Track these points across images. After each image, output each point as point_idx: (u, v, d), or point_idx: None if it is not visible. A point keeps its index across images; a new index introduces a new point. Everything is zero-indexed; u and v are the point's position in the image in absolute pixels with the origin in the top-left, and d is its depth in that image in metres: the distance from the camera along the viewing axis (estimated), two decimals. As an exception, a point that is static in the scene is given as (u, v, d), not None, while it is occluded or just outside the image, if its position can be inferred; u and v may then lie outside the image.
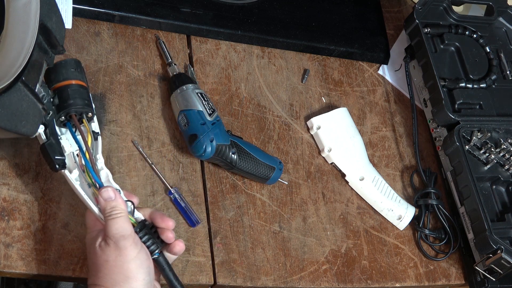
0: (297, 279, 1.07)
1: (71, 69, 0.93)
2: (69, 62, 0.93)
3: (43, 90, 0.90)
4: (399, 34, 1.37)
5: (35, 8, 0.90)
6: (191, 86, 1.08)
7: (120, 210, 0.85)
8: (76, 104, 0.91)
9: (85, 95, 0.92)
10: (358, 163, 1.18)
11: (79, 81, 0.93)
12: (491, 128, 1.21)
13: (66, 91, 0.91)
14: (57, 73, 0.93)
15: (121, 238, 0.83)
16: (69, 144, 0.91)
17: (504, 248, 1.07)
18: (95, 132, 0.93)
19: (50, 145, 0.89)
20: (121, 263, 0.83)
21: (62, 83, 0.92)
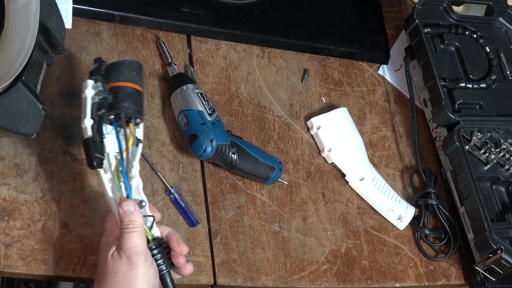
0: (297, 279, 1.07)
1: (133, 72, 0.92)
2: (132, 64, 0.92)
3: (100, 85, 0.89)
4: (399, 34, 1.37)
5: (35, 8, 0.90)
6: (191, 86, 1.08)
7: (137, 225, 0.85)
8: (129, 108, 0.89)
9: (139, 100, 0.91)
10: (358, 163, 1.18)
11: (137, 85, 0.91)
12: (491, 128, 1.21)
13: (122, 93, 0.90)
14: (119, 72, 0.91)
15: (134, 254, 0.84)
16: (111, 145, 0.90)
17: (504, 248, 1.07)
18: (138, 138, 0.91)
19: (93, 142, 0.87)
20: (130, 278, 0.83)
21: (121, 83, 0.91)
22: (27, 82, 0.88)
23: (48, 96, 1.03)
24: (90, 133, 0.87)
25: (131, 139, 0.90)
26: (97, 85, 0.89)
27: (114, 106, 0.89)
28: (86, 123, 0.87)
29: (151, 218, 0.88)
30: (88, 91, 0.88)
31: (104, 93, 0.89)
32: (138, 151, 0.91)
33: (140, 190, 0.89)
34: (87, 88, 0.89)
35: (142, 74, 0.93)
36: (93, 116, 0.88)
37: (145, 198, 0.89)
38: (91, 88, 0.89)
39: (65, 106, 1.04)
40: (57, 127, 1.02)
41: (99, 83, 0.89)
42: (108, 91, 0.90)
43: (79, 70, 1.08)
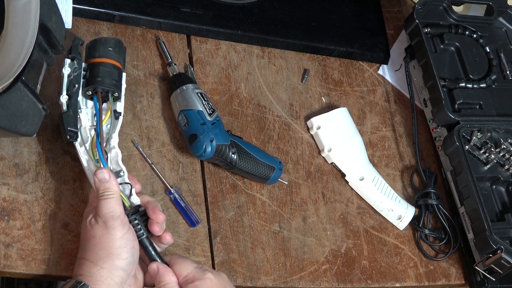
0: (297, 279, 1.07)
1: (109, 48, 0.96)
2: (108, 41, 0.97)
3: (76, 63, 0.95)
4: (399, 34, 1.37)
5: (35, 8, 0.90)
6: (191, 86, 1.08)
7: (113, 192, 0.88)
8: (103, 82, 0.95)
9: (115, 75, 0.96)
10: (358, 163, 1.18)
11: (113, 60, 0.96)
12: (491, 128, 1.21)
13: (97, 68, 0.95)
14: (94, 49, 0.97)
15: (110, 218, 0.86)
16: (87, 119, 0.95)
17: (504, 248, 1.07)
18: (117, 111, 0.96)
19: (66, 116, 0.93)
20: (107, 241, 0.86)
21: (96, 59, 0.96)
22: (27, 82, 0.88)
23: (48, 96, 1.03)
24: (65, 108, 0.93)
25: (108, 113, 0.95)
26: (73, 63, 0.95)
27: (90, 82, 0.95)
28: (62, 99, 0.93)
29: (128, 186, 0.92)
30: (64, 69, 0.95)
31: (79, 70, 0.95)
32: (118, 123, 0.96)
33: (119, 160, 0.94)
34: (64, 67, 0.95)
35: (121, 50, 0.98)
36: (69, 93, 0.94)
37: (124, 168, 0.93)
38: (67, 66, 0.95)
39: (65, 106, 1.04)
40: (57, 127, 1.02)
41: (75, 61, 0.95)
42: (85, 68, 0.96)
43: (79, 70, 1.08)
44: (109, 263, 0.85)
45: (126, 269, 0.86)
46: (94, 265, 0.85)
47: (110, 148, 0.94)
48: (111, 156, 0.94)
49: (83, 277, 0.84)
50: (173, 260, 0.92)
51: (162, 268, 0.89)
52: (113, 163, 0.94)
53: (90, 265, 0.85)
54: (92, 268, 0.85)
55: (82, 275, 0.85)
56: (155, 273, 0.89)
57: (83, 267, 0.86)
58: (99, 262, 0.85)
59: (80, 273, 0.85)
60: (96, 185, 0.88)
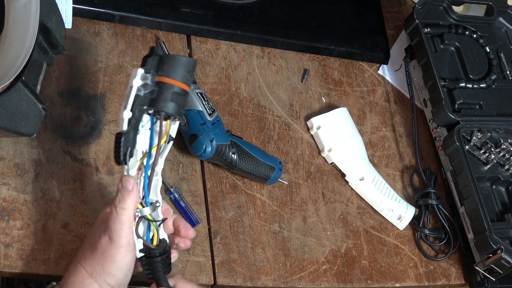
0: (297, 279, 1.07)
1: (186, 70, 0.85)
2: (189, 63, 0.86)
3: (149, 78, 0.84)
4: (399, 34, 1.37)
5: (35, 8, 0.90)
6: (191, 86, 1.08)
7: (127, 207, 0.83)
8: (171, 109, 0.84)
9: (183, 101, 0.85)
10: (358, 163, 1.18)
11: (187, 86, 0.85)
12: (491, 128, 1.21)
13: (169, 91, 0.84)
14: (172, 68, 0.85)
15: (117, 236, 0.83)
16: (143, 141, 0.85)
17: (504, 248, 1.07)
18: (171, 136, 0.87)
19: (126, 138, 0.82)
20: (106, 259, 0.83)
21: (171, 81, 0.84)
22: (27, 82, 0.88)
23: (48, 96, 1.03)
24: (126, 127, 0.82)
25: (165, 137, 0.86)
26: (146, 76, 0.83)
27: (157, 103, 0.84)
28: (125, 115, 0.82)
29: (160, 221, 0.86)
30: (135, 80, 0.83)
31: (151, 86, 0.84)
32: (167, 148, 0.87)
33: (157, 189, 0.87)
34: (135, 77, 0.83)
35: (194, 72, 0.88)
36: (133, 109, 0.82)
37: (160, 199, 0.87)
38: (139, 78, 0.83)
39: (65, 106, 1.04)
40: (57, 127, 1.02)
41: (149, 75, 0.84)
42: (155, 84, 0.84)
43: (79, 70, 1.08)
44: (101, 279, 0.84)
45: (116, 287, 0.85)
46: (88, 276, 0.84)
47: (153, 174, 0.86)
48: (152, 184, 0.86)
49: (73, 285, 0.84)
50: (179, 285, 0.89)
51: None
52: (152, 193, 0.86)
53: (84, 275, 0.84)
54: (86, 279, 0.84)
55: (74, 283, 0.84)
56: None
57: (77, 274, 0.84)
58: (93, 275, 0.84)
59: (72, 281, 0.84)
60: (117, 190, 0.83)
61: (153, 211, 0.86)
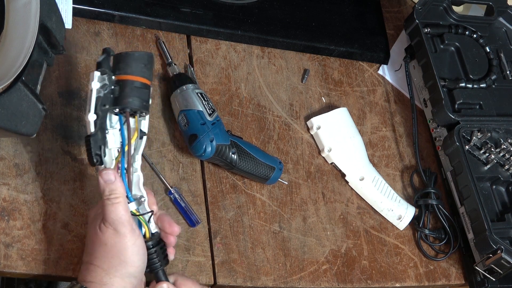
0: (297, 279, 1.07)
1: (141, 64, 0.87)
2: (142, 57, 0.88)
3: (106, 78, 0.86)
4: (399, 34, 1.37)
5: (35, 8, 0.90)
6: (191, 86, 1.08)
7: (119, 195, 0.84)
8: (134, 103, 0.86)
9: (145, 95, 0.88)
10: (358, 163, 1.18)
11: (145, 79, 0.88)
12: (491, 128, 1.21)
13: (128, 87, 0.86)
14: (126, 64, 0.87)
15: (120, 225, 0.84)
16: (114, 140, 0.87)
17: (504, 248, 1.07)
18: (142, 131, 0.89)
19: (95, 139, 0.85)
20: (119, 249, 0.84)
21: (128, 76, 0.87)
22: (27, 82, 0.88)
23: (48, 96, 1.03)
24: (92, 129, 0.85)
25: (135, 134, 0.88)
26: (103, 78, 0.86)
27: (119, 101, 0.86)
28: (89, 118, 0.85)
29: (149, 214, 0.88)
30: (94, 83, 0.85)
31: (110, 86, 0.86)
32: (142, 144, 0.89)
33: (140, 184, 0.88)
34: (93, 81, 0.85)
35: (152, 66, 0.90)
36: (97, 111, 0.85)
37: (144, 193, 0.88)
38: (97, 80, 0.85)
39: (65, 106, 1.04)
40: (57, 127, 1.02)
41: (106, 76, 0.86)
42: (114, 83, 0.87)
43: (79, 70, 1.08)
44: (122, 272, 0.84)
45: (138, 276, 0.85)
46: (106, 273, 0.83)
47: (132, 171, 0.88)
48: (134, 181, 0.88)
49: (92, 285, 0.83)
50: (179, 281, 0.90)
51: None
52: (135, 188, 0.88)
53: (101, 272, 0.84)
54: (104, 276, 0.83)
55: (93, 282, 0.83)
56: None
57: (93, 274, 0.84)
58: (111, 270, 0.83)
59: (90, 280, 0.84)
60: (102, 187, 0.85)
61: (139, 206, 0.88)
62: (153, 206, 0.90)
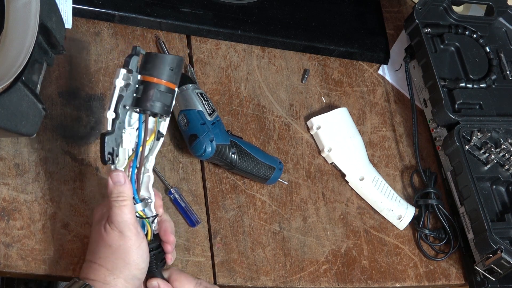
0: (297, 279, 1.07)
1: (169, 68, 0.86)
2: (172, 61, 0.87)
3: (131, 78, 0.85)
4: (399, 34, 1.37)
5: (35, 8, 0.90)
6: (191, 86, 1.08)
7: (126, 197, 0.85)
8: (156, 107, 0.86)
9: (168, 100, 0.87)
10: (358, 163, 1.18)
11: (171, 83, 0.87)
12: (491, 128, 1.21)
13: (153, 90, 0.86)
14: (154, 66, 0.86)
15: (126, 228, 0.84)
16: (130, 140, 0.87)
17: (504, 248, 1.07)
18: (160, 132, 0.89)
19: (110, 138, 0.84)
20: (124, 251, 0.84)
21: (153, 79, 0.86)
22: (27, 82, 0.88)
23: (48, 96, 1.03)
24: (110, 128, 0.84)
25: (152, 136, 0.88)
26: (128, 76, 0.85)
27: (141, 102, 0.86)
28: (108, 115, 0.84)
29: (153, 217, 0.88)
30: (117, 81, 0.84)
31: (134, 86, 0.86)
32: (158, 145, 0.89)
33: (149, 186, 0.88)
34: (117, 78, 0.84)
35: (180, 70, 0.89)
36: (116, 110, 0.84)
37: (152, 195, 0.89)
38: (121, 78, 0.84)
39: (65, 106, 1.04)
40: (57, 127, 1.02)
41: (131, 75, 0.85)
42: (139, 83, 0.86)
43: (79, 70, 1.08)
44: (125, 273, 0.84)
45: (141, 278, 0.86)
46: (110, 273, 0.84)
47: (144, 171, 0.88)
48: (143, 181, 0.88)
49: (95, 283, 0.83)
50: (173, 276, 0.91)
51: (163, 284, 0.89)
52: (143, 189, 0.88)
53: (105, 272, 0.84)
54: (108, 276, 0.84)
55: (95, 280, 0.84)
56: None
57: (96, 273, 0.84)
58: (115, 271, 0.84)
59: (92, 278, 0.84)
60: (110, 188, 0.85)
61: (145, 207, 0.88)
62: (159, 209, 0.90)
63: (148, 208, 0.88)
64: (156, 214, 0.89)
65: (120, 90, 0.84)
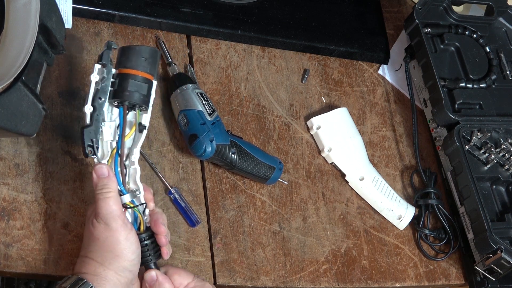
0: (297, 279, 1.07)
1: (142, 58, 0.89)
2: (143, 51, 0.89)
3: (105, 71, 0.88)
4: (399, 34, 1.37)
5: (35, 8, 0.90)
6: (191, 86, 1.08)
7: (111, 189, 0.86)
8: (132, 97, 0.88)
9: (144, 89, 0.89)
10: (358, 163, 1.18)
11: (145, 73, 0.89)
12: (491, 128, 1.21)
13: (127, 81, 0.88)
14: (127, 58, 0.89)
15: (111, 220, 0.85)
16: (110, 132, 0.89)
17: (504, 248, 1.07)
18: (142, 124, 0.90)
19: (88, 131, 0.87)
20: (111, 243, 0.85)
21: (127, 70, 0.89)
22: (27, 82, 0.88)
23: (48, 96, 1.03)
24: (88, 121, 0.87)
25: (133, 128, 0.90)
26: (102, 70, 0.88)
27: (118, 94, 0.88)
28: (86, 109, 0.87)
29: (143, 206, 0.89)
30: (93, 76, 0.88)
31: (110, 79, 0.88)
32: (141, 137, 0.90)
33: (137, 178, 0.90)
34: (93, 73, 0.88)
35: (156, 61, 0.91)
36: (94, 103, 0.87)
37: (141, 186, 0.90)
38: (96, 73, 0.88)
39: (65, 106, 1.04)
40: (57, 127, 1.02)
41: (105, 69, 0.88)
42: (115, 76, 0.89)
43: (79, 70, 1.08)
44: (115, 265, 0.85)
45: (132, 270, 0.86)
46: (100, 265, 0.85)
47: (129, 164, 0.90)
48: (130, 173, 0.90)
49: (86, 276, 0.84)
50: (171, 271, 0.91)
51: (161, 276, 0.89)
52: (131, 181, 0.90)
53: (96, 265, 0.85)
54: (98, 268, 0.85)
55: (86, 273, 0.85)
56: (153, 281, 0.88)
57: (87, 266, 0.85)
58: (105, 263, 0.85)
59: (84, 271, 0.85)
60: (94, 181, 0.86)
61: (133, 198, 0.89)
62: (150, 202, 0.91)
63: (137, 200, 0.89)
64: (144, 203, 0.89)
65: (96, 84, 0.88)
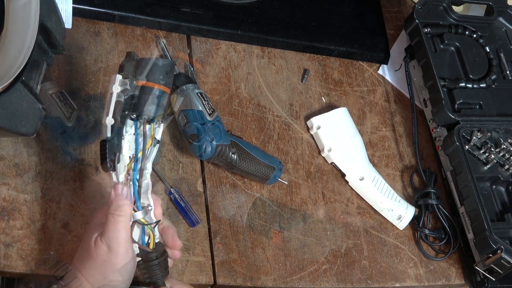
0: (297, 279, 1.07)
1: (164, 73, 0.86)
2: (165, 65, 0.87)
3: (128, 83, 0.85)
4: (399, 34, 1.37)
5: (35, 8, 0.90)
6: (191, 86, 1.08)
7: (123, 214, 0.83)
8: (152, 112, 0.85)
9: (164, 103, 0.87)
10: (358, 163, 1.18)
11: (166, 88, 0.87)
12: (491, 128, 1.21)
13: (148, 94, 0.85)
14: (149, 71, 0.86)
15: (116, 244, 0.83)
16: (128, 146, 0.86)
17: (504, 248, 1.07)
18: (156, 138, 0.88)
19: (111, 144, 0.83)
20: (106, 269, 0.83)
21: (150, 84, 0.86)
22: (27, 82, 0.88)
23: (48, 96, 1.03)
24: (109, 134, 0.83)
25: (150, 141, 0.87)
26: (125, 82, 0.85)
27: (138, 107, 0.85)
28: (107, 121, 0.83)
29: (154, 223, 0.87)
30: (114, 87, 0.84)
31: (131, 91, 0.86)
32: (154, 151, 0.88)
33: (148, 193, 0.87)
34: (114, 84, 0.84)
35: (172, 73, 0.89)
36: (115, 115, 0.84)
37: (152, 202, 0.88)
38: (118, 84, 0.84)
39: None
40: (57, 127, 1.02)
41: (127, 80, 0.85)
42: (135, 89, 0.86)
43: (79, 70, 1.08)
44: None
45: None
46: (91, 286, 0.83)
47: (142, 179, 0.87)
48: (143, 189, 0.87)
49: None
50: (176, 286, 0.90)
51: None
52: (143, 196, 0.87)
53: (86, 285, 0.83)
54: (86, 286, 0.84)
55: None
56: None
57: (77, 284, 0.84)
58: (95, 285, 0.83)
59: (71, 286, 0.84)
60: (111, 199, 0.84)
61: (145, 215, 0.86)
62: (159, 216, 0.89)
63: (148, 217, 0.87)
64: (158, 220, 0.87)
65: (117, 96, 0.84)
